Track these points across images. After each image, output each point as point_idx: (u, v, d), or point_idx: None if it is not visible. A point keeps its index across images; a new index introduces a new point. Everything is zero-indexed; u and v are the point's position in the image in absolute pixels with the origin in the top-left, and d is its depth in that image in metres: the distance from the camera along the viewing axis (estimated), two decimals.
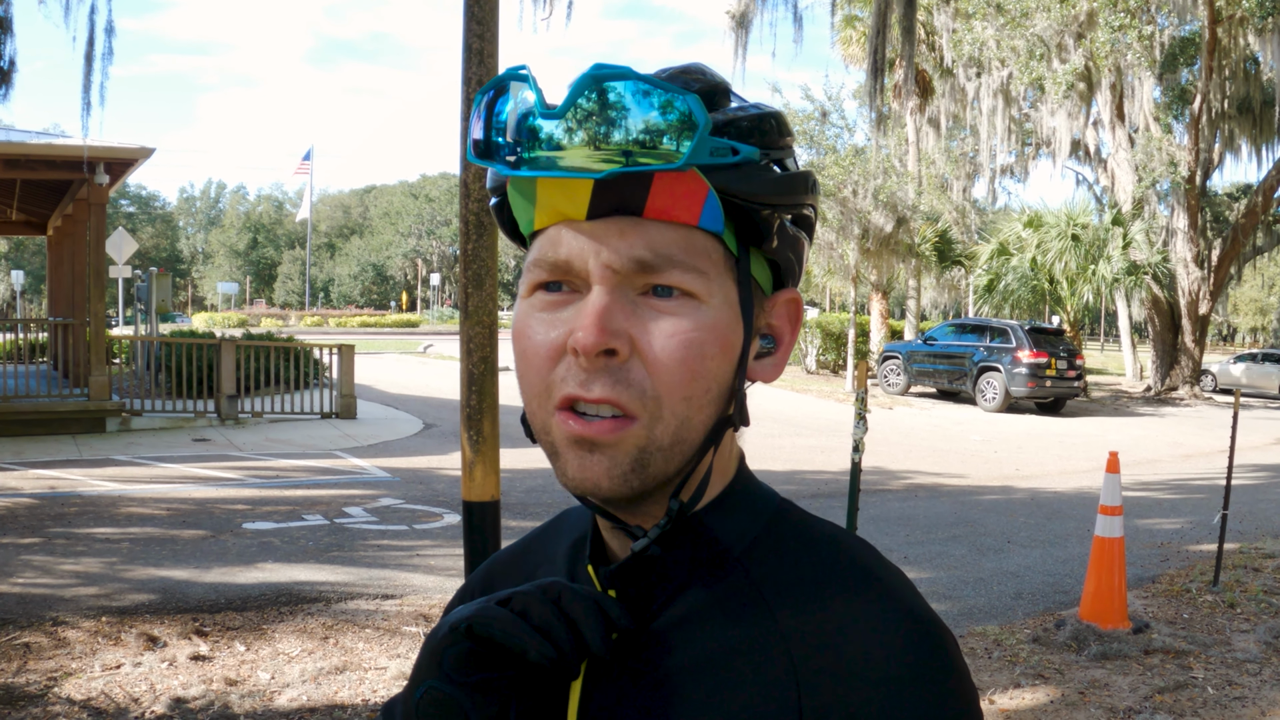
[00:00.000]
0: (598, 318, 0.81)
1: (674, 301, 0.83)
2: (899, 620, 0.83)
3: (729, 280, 0.86)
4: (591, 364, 0.82)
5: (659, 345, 0.82)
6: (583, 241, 0.83)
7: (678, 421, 0.84)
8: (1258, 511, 11.83)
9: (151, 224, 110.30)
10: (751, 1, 18.53)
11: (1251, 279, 72.86)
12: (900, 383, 26.89)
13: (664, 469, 0.85)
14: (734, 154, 0.83)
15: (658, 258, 0.82)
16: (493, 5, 5.65)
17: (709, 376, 0.84)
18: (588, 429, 0.83)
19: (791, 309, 0.94)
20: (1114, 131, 29.98)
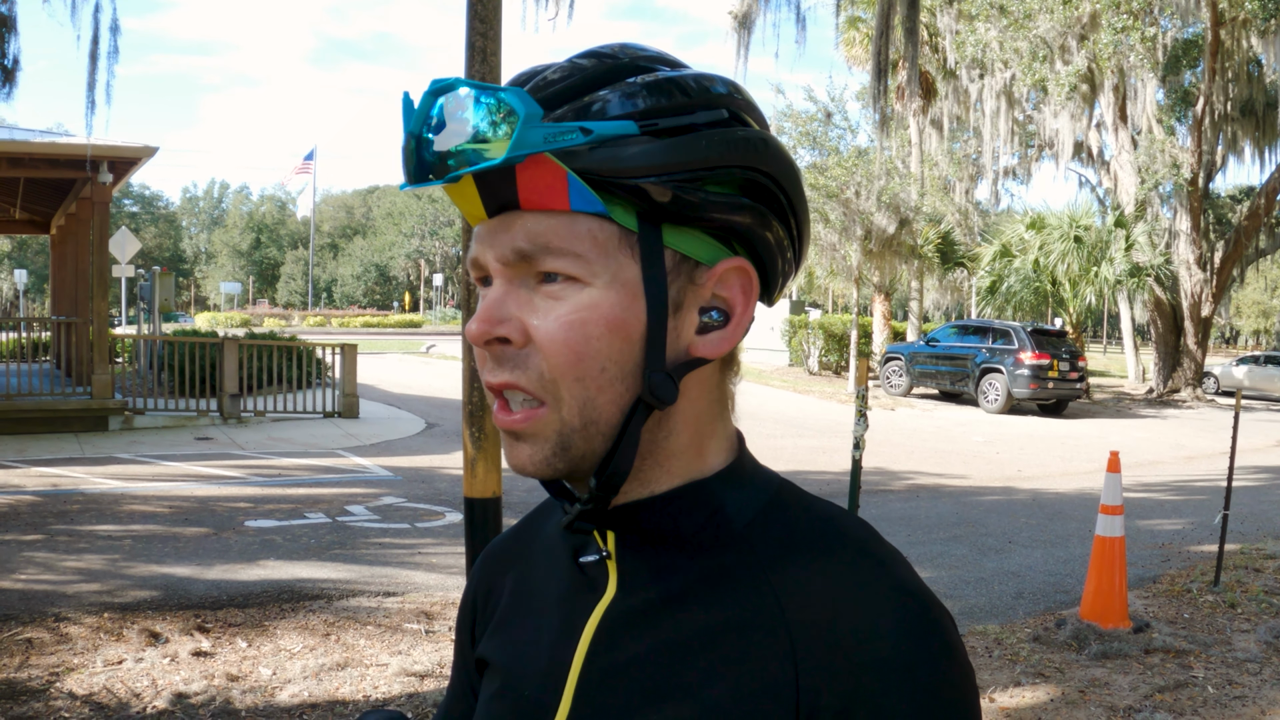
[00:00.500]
0: (485, 309, 0.86)
1: (557, 286, 0.85)
2: (897, 598, 0.84)
3: (624, 258, 0.85)
4: (491, 352, 0.87)
5: (544, 329, 0.85)
6: (482, 240, 0.88)
7: (579, 403, 0.86)
8: (1259, 513, 11.83)
9: (154, 224, 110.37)
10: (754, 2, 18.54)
11: (1254, 281, 72.80)
12: (903, 384, 26.89)
13: (585, 448, 0.87)
14: (584, 134, 0.83)
15: (534, 246, 0.85)
16: (496, 4, 5.66)
17: (599, 356, 0.85)
18: (510, 420, 0.88)
19: (741, 279, 0.90)
20: (1117, 133, 29.97)
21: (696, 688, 0.85)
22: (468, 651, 1.10)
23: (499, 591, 1.07)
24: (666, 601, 0.89)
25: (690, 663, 0.86)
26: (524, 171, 0.83)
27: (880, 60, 18.02)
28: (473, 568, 1.14)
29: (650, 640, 0.88)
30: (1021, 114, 31.98)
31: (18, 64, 12.14)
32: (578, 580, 0.96)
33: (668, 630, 0.88)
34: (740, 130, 0.87)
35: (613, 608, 0.92)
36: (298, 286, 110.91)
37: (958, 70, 31.41)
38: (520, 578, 1.05)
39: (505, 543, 1.11)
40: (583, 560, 0.95)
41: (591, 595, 0.94)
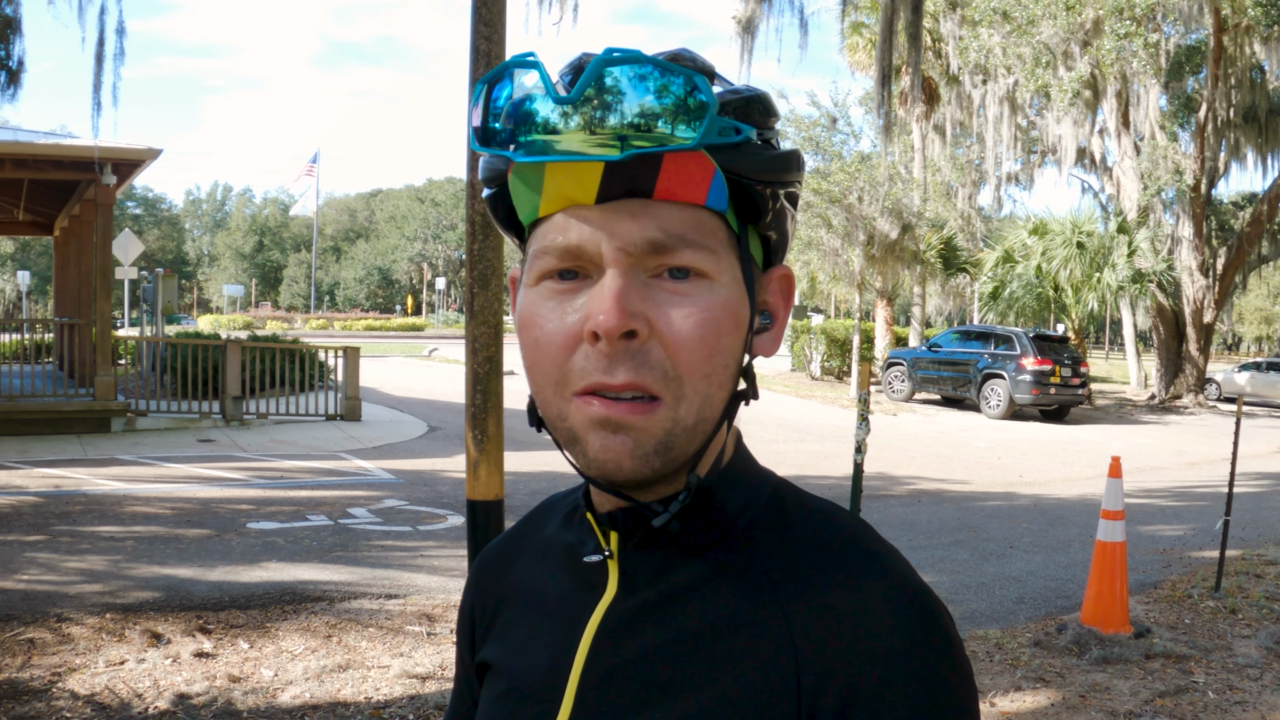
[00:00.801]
0: (616, 300, 0.81)
1: (687, 283, 0.84)
2: (896, 594, 0.85)
3: (734, 258, 0.87)
4: (613, 348, 0.82)
5: (677, 325, 0.83)
6: (593, 226, 0.83)
7: (700, 400, 0.85)
8: (1260, 519, 11.83)
9: (157, 226, 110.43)
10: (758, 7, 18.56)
11: (1257, 288, 72.80)
12: (905, 389, 26.89)
13: (686, 449, 0.86)
14: (737, 133, 0.83)
15: (670, 238, 0.83)
16: (500, 7, 5.69)
17: (726, 353, 0.86)
18: (613, 410, 0.83)
19: (784, 285, 0.95)
20: (1119, 139, 29.98)
21: (698, 685, 0.85)
22: (467, 658, 1.11)
23: (496, 596, 1.07)
24: (668, 600, 0.90)
25: (692, 660, 0.86)
26: (674, 161, 0.82)
27: (884, 65, 18.04)
28: (469, 575, 1.13)
29: (652, 639, 0.89)
30: (1024, 120, 32.02)
31: (22, 65, 12.16)
32: (578, 581, 0.96)
33: (669, 628, 0.88)
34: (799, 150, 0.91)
35: (614, 607, 0.92)
36: (300, 289, 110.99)
37: (961, 76, 31.43)
38: (518, 581, 1.05)
39: (500, 548, 1.11)
40: (586, 560, 0.95)
41: (592, 595, 0.94)
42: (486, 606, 1.08)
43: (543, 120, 0.81)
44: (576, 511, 1.03)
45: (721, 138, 0.82)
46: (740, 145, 0.85)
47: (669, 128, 0.80)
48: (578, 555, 0.97)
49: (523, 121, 0.82)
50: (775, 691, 0.83)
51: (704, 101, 0.80)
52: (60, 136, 17.61)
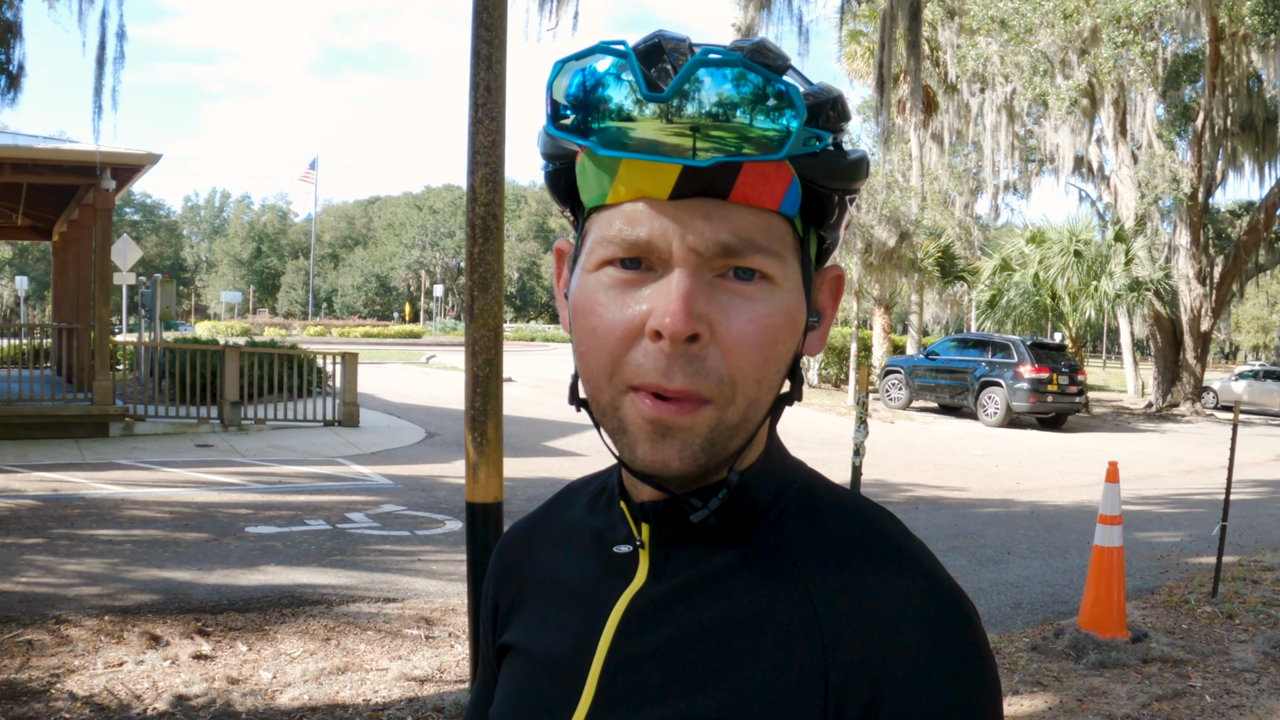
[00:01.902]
0: (684, 301, 0.81)
1: (753, 285, 0.84)
2: (924, 588, 0.85)
3: (797, 261, 0.87)
4: (674, 349, 0.81)
5: (737, 331, 0.83)
6: (666, 222, 0.82)
7: (748, 402, 0.85)
8: (1257, 525, 11.84)
9: (156, 232, 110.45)
10: (757, 14, 18.58)
11: (1254, 296, 72.87)
12: (902, 397, 26.90)
13: (729, 446, 0.86)
14: (818, 141, 0.83)
15: (741, 242, 0.82)
16: (501, 12, 5.70)
17: (780, 359, 0.86)
18: (663, 411, 0.83)
19: (835, 285, 0.96)
20: (1117, 148, 30.04)
21: (725, 675, 0.85)
22: (491, 644, 1.10)
23: (519, 581, 1.06)
24: (695, 588, 0.90)
25: (719, 650, 0.86)
26: (754, 166, 0.81)
27: (882, 74, 18.08)
28: (491, 560, 1.13)
29: (679, 627, 0.89)
30: (1022, 128, 32.08)
31: (23, 70, 12.19)
32: (605, 567, 0.96)
33: (697, 617, 0.88)
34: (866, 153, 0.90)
35: (642, 594, 0.92)
36: (298, 296, 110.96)
37: (959, 84, 31.51)
38: (541, 566, 1.04)
39: (524, 531, 1.11)
40: (616, 550, 0.95)
41: (620, 581, 0.94)
42: (508, 591, 1.08)
43: (625, 113, 0.81)
44: (603, 496, 1.02)
45: (804, 148, 0.82)
46: (819, 153, 0.84)
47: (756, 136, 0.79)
48: (606, 542, 0.97)
49: (603, 110, 0.81)
50: (803, 683, 0.83)
51: (793, 113, 0.79)
52: (60, 141, 17.63)
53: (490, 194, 5.63)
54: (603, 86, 0.81)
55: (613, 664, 0.91)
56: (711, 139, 0.79)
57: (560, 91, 0.84)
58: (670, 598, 0.90)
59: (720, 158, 0.79)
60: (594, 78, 0.82)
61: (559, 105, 0.84)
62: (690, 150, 0.79)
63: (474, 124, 5.61)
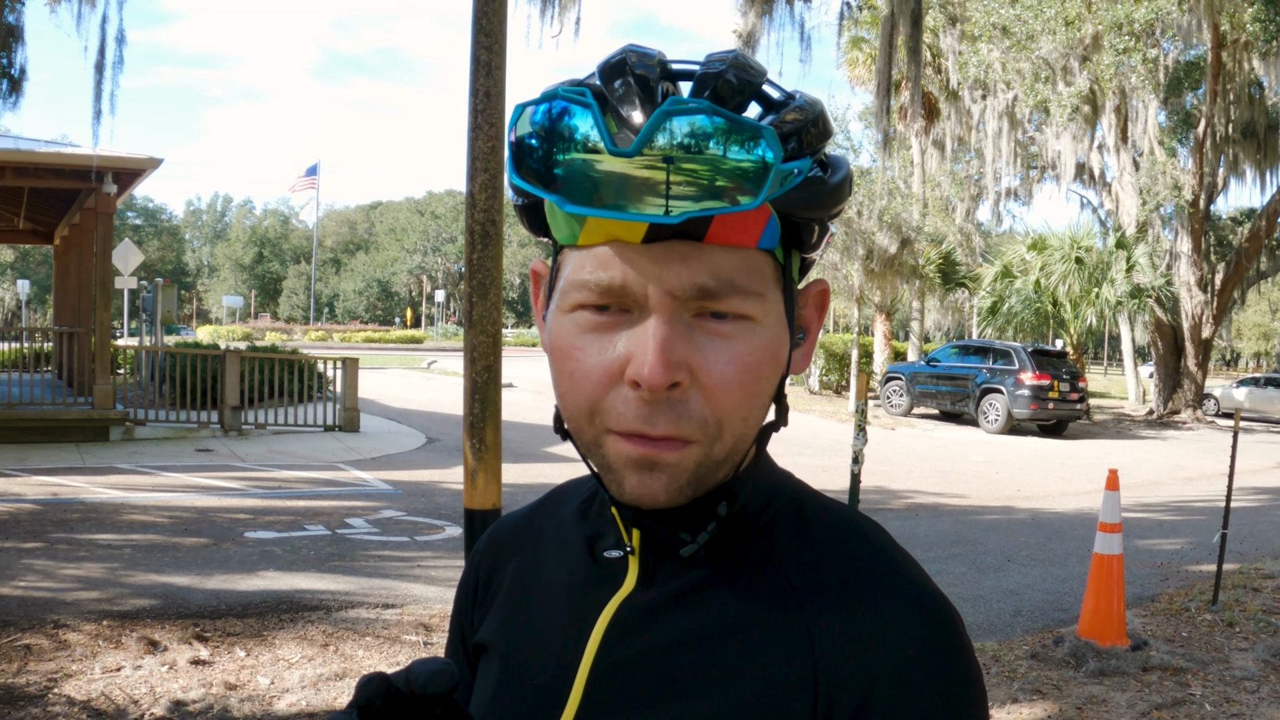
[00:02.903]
0: (661, 351, 0.79)
1: (730, 324, 0.82)
2: (911, 598, 0.85)
3: (778, 291, 0.85)
4: (654, 397, 0.80)
5: (718, 373, 0.81)
6: (640, 267, 0.80)
7: (735, 439, 0.84)
8: (1258, 533, 11.83)
9: (158, 236, 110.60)
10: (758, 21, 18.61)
11: (1256, 303, 72.90)
12: (903, 404, 26.90)
13: (716, 478, 0.86)
14: (796, 175, 0.80)
15: (720, 284, 0.80)
16: (501, 18, 5.71)
17: (764, 394, 0.85)
18: (650, 449, 0.82)
19: (820, 299, 0.94)
20: (1118, 155, 30.05)
21: (713, 683, 0.85)
22: (466, 629, 1.09)
23: (503, 573, 1.06)
24: (685, 596, 0.89)
25: (708, 657, 0.86)
26: None
27: (883, 80, 18.09)
28: (477, 544, 1.12)
29: (667, 633, 0.88)
30: (1023, 135, 32.09)
31: (24, 74, 12.24)
32: (593, 571, 0.95)
33: (685, 624, 0.88)
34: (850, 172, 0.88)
35: (629, 600, 0.92)
36: (300, 301, 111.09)
37: (960, 91, 31.52)
38: (527, 563, 1.04)
39: (515, 525, 1.10)
40: (606, 555, 0.94)
41: (608, 587, 0.94)
42: (493, 579, 1.07)
43: (590, 166, 0.77)
44: (595, 501, 1.02)
45: (781, 188, 0.79)
46: (798, 186, 0.82)
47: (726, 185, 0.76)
48: (596, 547, 0.97)
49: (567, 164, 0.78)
50: (791, 691, 0.83)
51: (768, 162, 0.76)
52: (61, 145, 17.65)
53: (490, 200, 5.64)
54: (564, 138, 0.78)
55: (600, 669, 0.90)
56: (677, 189, 0.75)
57: (520, 138, 0.80)
58: (659, 604, 0.90)
59: (692, 212, 0.75)
60: (556, 128, 0.78)
61: (521, 152, 0.80)
62: (655, 202, 0.75)
63: (473, 130, 5.61)
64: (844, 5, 21.60)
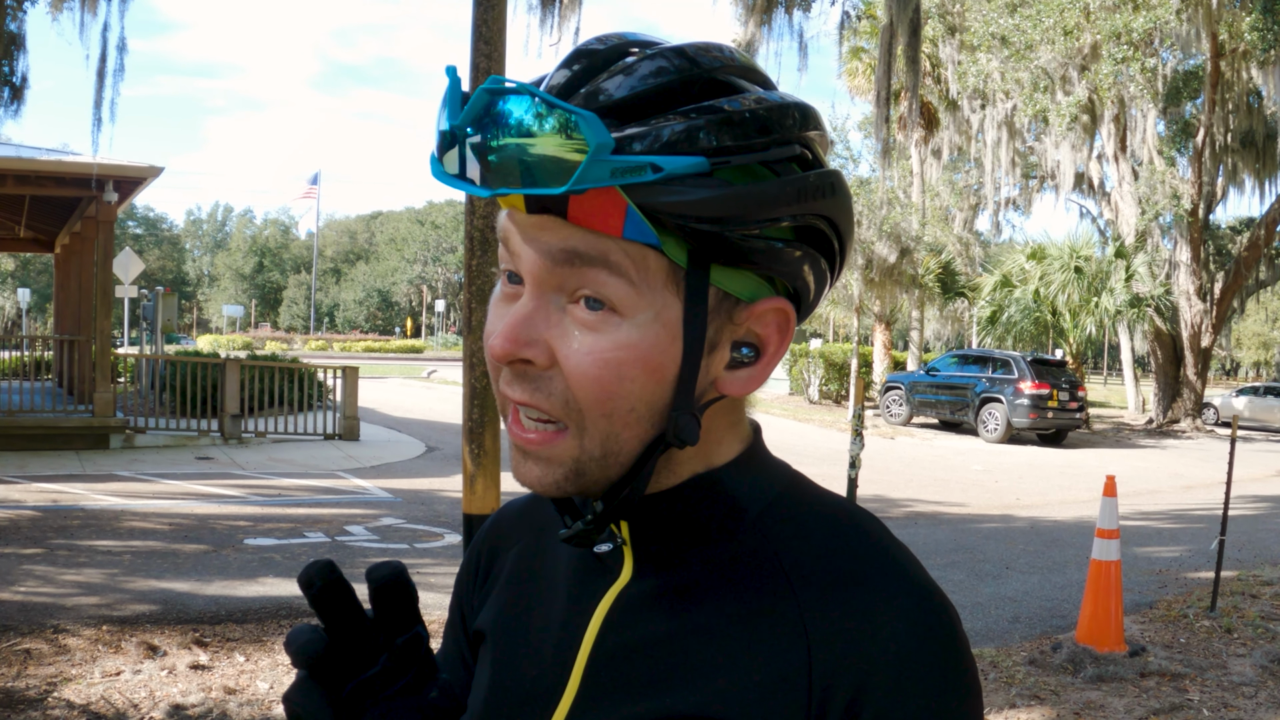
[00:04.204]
0: (510, 326, 0.81)
1: (597, 316, 0.80)
2: (908, 591, 0.85)
3: (669, 295, 0.81)
4: (511, 369, 0.82)
5: (574, 361, 0.81)
6: (521, 230, 0.82)
7: (602, 435, 0.83)
8: (1257, 540, 11.83)
9: (158, 245, 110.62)
10: (757, 30, 18.62)
11: (1255, 313, 72.85)
12: (902, 413, 26.90)
13: (601, 476, 0.85)
14: (654, 170, 0.76)
15: (591, 249, 0.79)
16: (500, 26, 5.74)
17: (630, 396, 0.82)
18: (523, 437, 0.84)
19: (779, 319, 0.87)
20: (1117, 164, 30.09)
21: (708, 672, 0.85)
22: (465, 612, 1.10)
23: (504, 559, 1.06)
24: (681, 588, 0.89)
25: (703, 648, 0.86)
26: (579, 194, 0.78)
27: (882, 90, 18.12)
28: (481, 529, 1.12)
29: (663, 625, 0.88)
30: (1023, 144, 32.14)
31: (26, 82, 12.29)
32: (590, 562, 0.96)
33: (681, 616, 0.88)
34: (812, 175, 0.83)
35: (626, 590, 0.92)
36: (300, 310, 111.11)
37: (959, 100, 31.60)
38: (529, 551, 1.04)
39: (519, 511, 1.10)
40: (598, 550, 0.94)
41: (605, 577, 0.94)
42: (494, 565, 1.08)
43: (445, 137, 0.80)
44: None
45: (623, 179, 0.76)
46: (668, 182, 0.77)
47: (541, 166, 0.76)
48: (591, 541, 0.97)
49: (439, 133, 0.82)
50: (786, 682, 0.83)
51: (583, 147, 0.74)
52: (62, 153, 17.68)
53: (489, 206, 5.66)
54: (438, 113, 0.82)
55: (597, 658, 0.90)
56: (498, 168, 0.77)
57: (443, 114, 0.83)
58: (655, 595, 0.90)
59: (503, 189, 0.77)
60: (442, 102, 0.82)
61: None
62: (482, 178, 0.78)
63: None
64: (843, 15, 21.65)
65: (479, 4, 5.64)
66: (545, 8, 10.40)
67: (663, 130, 0.77)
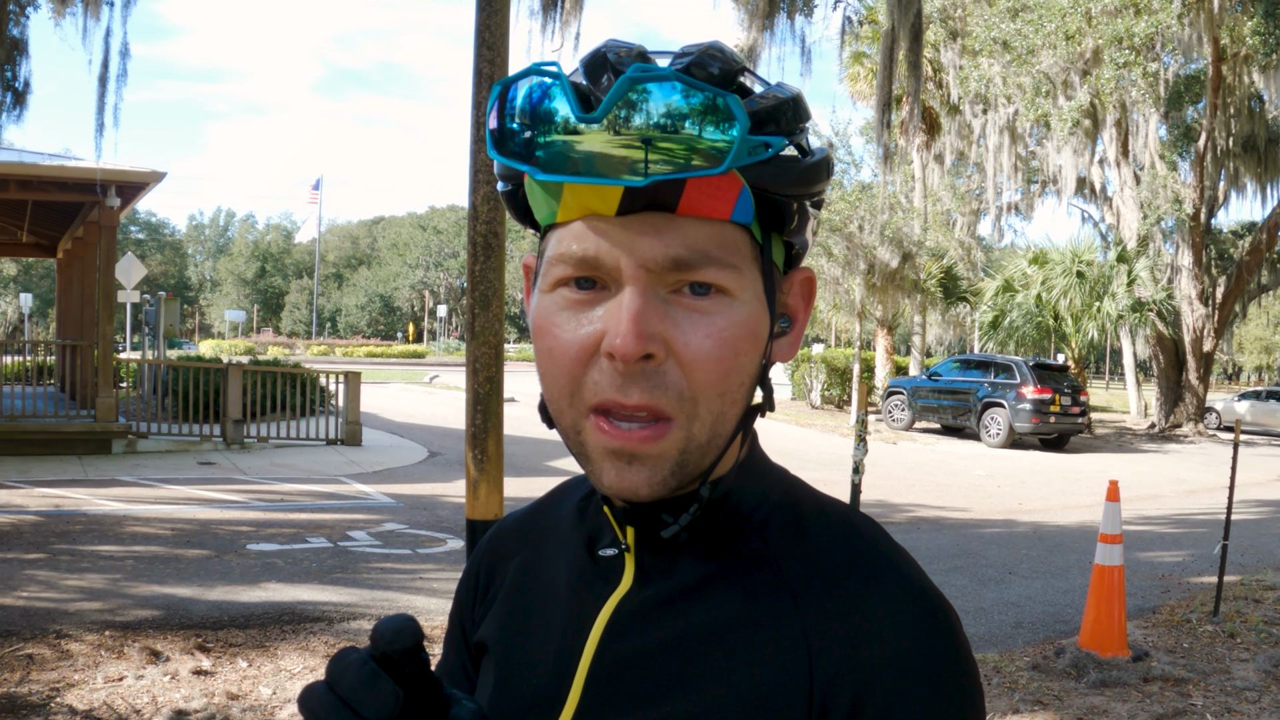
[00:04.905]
0: (634, 323, 0.80)
1: (708, 300, 0.83)
2: (908, 595, 0.85)
3: (756, 270, 0.86)
4: (628, 368, 0.81)
5: (695, 346, 0.82)
6: (614, 239, 0.81)
7: (713, 418, 0.84)
8: (1259, 545, 11.82)
9: (160, 251, 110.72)
10: (759, 35, 18.64)
11: (1257, 317, 72.85)
12: (905, 418, 26.89)
13: (700, 464, 0.86)
14: (766, 149, 0.80)
15: (694, 254, 0.81)
16: (503, 31, 5.75)
17: (742, 371, 0.85)
18: (626, 440, 0.82)
19: (805, 287, 0.94)
20: (1119, 169, 30.08)
21: (710, 680, 0.85)
22: (466, 625, 1.10)
23: (504, 571, 1.06)
24: (682, 594, 0.90)
25: (705, 655, 0.86)
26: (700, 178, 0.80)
27: (884, 94, 18.13)
28: (480, 542, 1.13)
29: (665, 632, 0.89)
30: (1024, 149, 32.11)
31: (28, 87, 12.30)
32: (591, 571, 0.96)
33: (682, 622, 0.88)
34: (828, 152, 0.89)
35: (628, 599, 0.92)
36: (302, 315, 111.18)
37: (961, 105, 31.56)
38: (529, 562, 1.04)
39: (517, 524, 1.10)
40: (601, 554, 0.95)
41: (606, 586, 0.94)
42: (494, 576, 1.08)
43: (562, 134, 0.79)
44: (592, 500, 1.02)
45: (750, 157, 0.80)
46: (770, 160, 0.82)
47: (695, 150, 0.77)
48: (593, 546, 0.97)
49: (541, 132, 0.80)
50: (787, 690, 0.83)
51: (733, 124, 0.77)
52: (64, 158, 17.71)
53: (492, 212, 5.67)
54: (539, 109, 0.80)
55: (599, 667, 0.90)
56: (649, 156, 0.77)
57: (495, 116, 0.83)
58: (656, 602, 0.90)
59: (658, 176, 0.77)
60: (530, 100, 0.81)
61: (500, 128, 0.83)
62: (628, 168, 0.77)
63: (476, 142, 5.65)
64: (845, 20, 21.67)
65: (482, 9, 5.66)
66: (547, 13, 10.40)
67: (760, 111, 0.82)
